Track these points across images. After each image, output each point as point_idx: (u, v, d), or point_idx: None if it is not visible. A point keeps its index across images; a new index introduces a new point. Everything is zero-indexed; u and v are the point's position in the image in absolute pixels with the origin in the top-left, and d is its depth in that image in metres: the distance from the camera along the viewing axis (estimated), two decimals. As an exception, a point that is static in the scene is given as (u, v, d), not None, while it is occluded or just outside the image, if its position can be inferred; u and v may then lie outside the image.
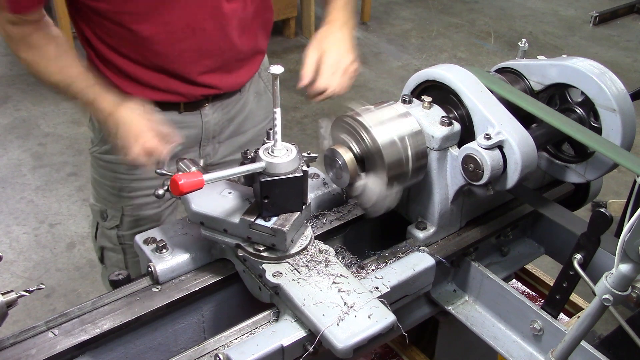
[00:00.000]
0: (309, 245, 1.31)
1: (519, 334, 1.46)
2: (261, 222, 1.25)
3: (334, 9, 1.76)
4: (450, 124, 1.36)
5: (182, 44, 1.71)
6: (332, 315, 1.15)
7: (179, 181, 1.12)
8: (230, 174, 1.22)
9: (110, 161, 1.95)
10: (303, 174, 1.25)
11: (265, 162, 1.22)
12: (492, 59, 5.88)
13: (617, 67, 5.53)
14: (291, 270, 1.25)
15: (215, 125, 1.95)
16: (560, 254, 1.68)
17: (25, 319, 3.09)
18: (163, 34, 1.68)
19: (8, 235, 3.70)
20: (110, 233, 2.05)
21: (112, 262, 2.12)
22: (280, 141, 1.24)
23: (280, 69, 1.16)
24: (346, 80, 1.70)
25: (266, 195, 1.23)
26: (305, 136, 4.48)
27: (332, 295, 1.19)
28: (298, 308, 1.18)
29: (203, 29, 1.71)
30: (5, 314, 1.15)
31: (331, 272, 1.25)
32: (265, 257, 1.27)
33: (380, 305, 1.18)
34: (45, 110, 4.83)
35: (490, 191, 1.34)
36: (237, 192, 1.34)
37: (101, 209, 2.04)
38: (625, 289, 1.07)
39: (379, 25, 6.55)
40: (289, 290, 1.20)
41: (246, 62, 1.91)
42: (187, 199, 1.31)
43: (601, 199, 3.82)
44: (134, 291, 1.33)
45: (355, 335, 1.12)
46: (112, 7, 1.63)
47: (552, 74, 1.53)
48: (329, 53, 1.64)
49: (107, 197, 2.01)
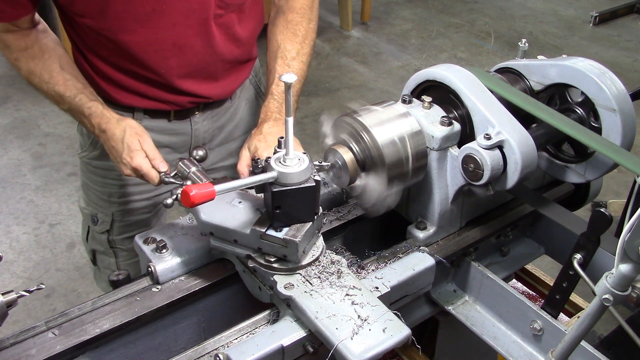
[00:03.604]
0: (321, 256, 1.28)
1: (519, 334, 1.46)
2: (272, 232, 1.23)
3: (267, 108, 1.70)
4: (450, 124, 1.36)
5: (170, 60, 1.71)
6: (345, 328, 1.13)
7: (190, 192, 1.10)
8: (242, 185, 1.19)
9: (99, 167, 1.94)
10: (315, 184, 1.22)
11: (277, 172, 1.19)
12: (492, 59, 5.88)
13: (617, 67, 5.53)
14: (303, 282, 1.23)
15: (205, 133, 1.95)
16: (560, 254, 1.68)
17: (25, 319, 3.10)
18: (151, 50, 1.67)
19: (8, 235, 3.70)
20: (101, 237, 2.04)
21: (105, 265, 2.11)
22: (293, 150, 1.21)
23: (293, 77, 1.14)
24: None
25: (278, 205, 1.21)
26: (305, 136, 4.48)
27: (345, 308, 1.17)
28: (311, 321, 1.16)
29: (190, 46, 1.70)
30: (5, 314, 1.15)
31: (344, 284, 1.22)
32: (277, 268, 1.25)
33: (395, 318, 1.16)
34: (45, 110, 4.83)
35: (490, 191, 1.34)
36: (247, 202, 1.32)
37: (91, 212, 2.04)
38: (625, 289, 1.07)
39: (379, 25, 6.55)
40: (301, 303, 1.18)
41: (235, 71, 1.90)
42: (197, 209, 1.30)
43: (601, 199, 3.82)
44: (134, 291, 1.33)
45: (370, 350, 1.10)
46: (96, 23, 1.62)
47: (552, 74, 1.52)
48: (261, 150, 1.58)
49: (97, 202, 2.01)
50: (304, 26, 1.79)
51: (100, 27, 1.63)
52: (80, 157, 2.00)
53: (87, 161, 1.97)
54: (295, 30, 1.78)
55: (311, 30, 1.82)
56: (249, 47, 1.89)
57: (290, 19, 1.78)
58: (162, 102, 1.81)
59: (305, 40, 1.79)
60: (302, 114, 4.86)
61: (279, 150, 1.25)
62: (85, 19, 1.62)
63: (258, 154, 1.56)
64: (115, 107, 1.76)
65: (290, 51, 1.76)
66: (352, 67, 5.76)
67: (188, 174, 1.42)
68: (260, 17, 1.91)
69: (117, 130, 1.57)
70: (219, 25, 1.73)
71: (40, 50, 1.65)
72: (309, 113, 4.92)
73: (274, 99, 1.71)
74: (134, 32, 1.63)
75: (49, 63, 1.64)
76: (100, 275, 2.16)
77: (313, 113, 4.93)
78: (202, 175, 1.40)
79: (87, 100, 1.63)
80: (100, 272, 2.15)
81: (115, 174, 1.92)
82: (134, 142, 1.54)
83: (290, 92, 1.15)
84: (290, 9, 1.79)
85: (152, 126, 1.83)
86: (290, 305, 1.22)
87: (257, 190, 1.26)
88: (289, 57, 1.76)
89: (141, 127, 1.60)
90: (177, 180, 1.46)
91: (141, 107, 1.82)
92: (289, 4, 1.79)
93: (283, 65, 1.75)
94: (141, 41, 1.65)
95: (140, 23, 1.61)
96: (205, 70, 1.79)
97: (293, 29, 1.78)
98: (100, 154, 1.89)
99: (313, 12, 1.83)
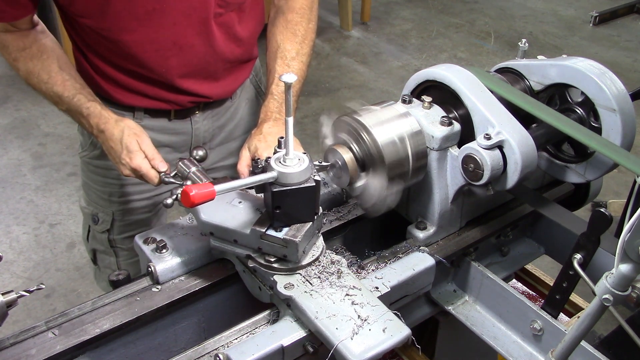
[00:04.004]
0: (321, 256, 1.28)
1: (519, 334, 1.46)
2: (272, 232, 1.23)
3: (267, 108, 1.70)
4: (450, 124, 1.36)
5: (170, 59, 1.71)
6: (345, 328, 1.13)
7: (190, 192, 1.10)
8: (242, 185, 1.19)
9: (100, 166, 1.94)
10: (315, 184, 1.22)
11: (277, 172, 1.20)
12: (492, 59, 5.88)
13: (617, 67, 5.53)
14: (303, 282, 1.23)
15: (206, 132, 1.95)
16: (560, 254, 1.68)
17: (25, 319, 3.09)
18: (151, 50, 1.67)
19: (8, 235, 3.70)
20: (102, 237, 2.05)
21: (105, 264, 2.12)
22: (293, 150, 1.21)
23: (293, 77, 1.14)
24: None
25: (278, 205, 1.21)
26: (305, 136, 4.48)
27: (345, 308, 1.17)
28: (311, 321, 1.16)
29: (191, 45, 1.71)
30: (5, 314, 1.15)
31: (344, 284, 1.22)
32: (277, 268, 1.25)
33: (395, 318, 1.16)
34: (45, 110, 4.83)
35: (490, 191, 1.34)
36: (247, 202, 1.32)
37: (92, 212, 2.04)
38: (625, 289, 1.07)
39: (379, 25, 6.55)
40: (301, 303, 1.18)
41: (236, 71, 1.90)
42: (197, 209, 1.30)
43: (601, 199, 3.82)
44: (134, 291, 1.33)
45: (370, 350, 1.10)
46: (96, 23, 1.62)
47: (552, 74, 1.52)
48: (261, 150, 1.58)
49: (98, 201, 2.01)
50: (303, 26, 1.79)
51: (100, 27, 1.63)
52: (80, 156, 2.00)
53: (87, 161, 1.97)
54: (295, 30, 1.78)
55: (310, 31, 1.82)
56: (249, 46, 1.89)
57: (290, 19, 1.79)
58: (163, 101, 1.81)
59: (305, 41, 1.79)
60: (302, 114, 4.86)
61: (279, 150, 1.25)
62: (86, 19, 1.62)
63: (258, 154, 1.56)
64: (115, 106, 1.76)
65: (290, 51, 1.76)
66: (352, 67, 5.76)
67: (188, 174, 1.42)
68: (261, 16, 1.91)
69: (116, 130, 1.57)
70: (219, 24, 1.73)
71: (39, 51, 1.65)
72: (309, 113, 4.92)
73: (274, 99, 1.71)
74: (134, 32, 1.63)
75: (48, 63, 1.64)
76: (100, 275, 2.16)
77: (313, 113, 4.93)
78: (202, 175, 1.40)
79: (85, 100, 1.63)
80: (100, 272, 2.15)
81: (115, 174, 1.92)
82: (133, 143, 1.54)
83: (290, 92, 1.15)
84: (289, 9, 1.79)
85: (152, 125, 1.83)
86: (290, 305, 1.22)
87: (257, 190, 1.26)
88: (288, 57, 1.76)
89: (139, 127, 1.60)
90: (177, 180, 1.46)
91: (142, 106, 1.82)
92: (289, 4, 1.80)
93: (283, 66, 1.75)
94: (141, 40, 1.65)
95: (140, 22, 1.61)
96: (206, 69, 1.79)
97: (292, 29, 1.78)
98: (101, 153, 1.89)
99: (312, 13, 1.83)
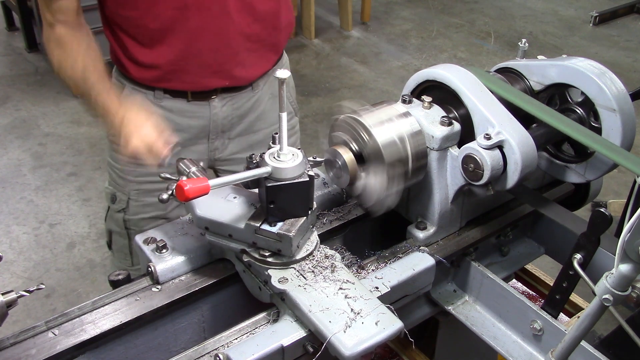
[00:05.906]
0: (315, 251, 1.29)
1: (519, 334, 1.46)
2: (267, 227, 1.24)
3: None
4: (450, 124, 1.36)
5: (190, 20, 1.79)
6: (338, 322, 1.14)
7: (184, 187, 1.11)
8: (236, 179, 1.21)
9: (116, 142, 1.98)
10: (309, 179, 1.23)
11: (271, 167, 1.21)
12: (492, 59, 5.88)
13: (617, 67, 5.53)
14: (297, 276, 1.24)
15: (224, 119, 1.98)
16: (560, 254, 1.68)
17: (25, 319, 3.09)
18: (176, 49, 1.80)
19: (8, 235, 3.70)
20: (118, 216, 2.07)
21: (118, 247, 2.14)
22: (286, 146, 1.22)
23: (287, 73, 1.15)
24: None
25: (272, 200, 1.22)
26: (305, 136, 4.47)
27: (338, 302, 1.18)
28: (304, 314, 1.17)
29: (208, 7, 1.77)
30: (5, 314, 1.15)
31: (337, 278, 1.23)
32: (271, 262, 1.26)
33: (388, 312, 1.17)
34: (45, 110, 4.83)
35: (490, 191, 1.34)
36: (242, 197, 1.33)
37: (112, 192, 2.08)
38: (625, 289, 1.07)
39: (379, 25, 6.55)
40: (295, 297, 1.19)
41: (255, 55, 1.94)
42: (192, 204, 1.31)
43: (601, 199, 3.82)
44: (134, 291, 1.33)
45: (362, 343, 1.11)
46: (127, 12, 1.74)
47: (552, 74, 1.52)
48: None
49: (117, 180, 2.06)
50: None
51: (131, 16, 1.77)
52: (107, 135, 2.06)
53: (111, 139, 2.02)
54: None
55: None
56: (269, 27, 1.92)
57: None
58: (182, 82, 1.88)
59: None
60: (302, 113, 4.86)
61: (272, 146, 1.26)
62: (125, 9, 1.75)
63: None
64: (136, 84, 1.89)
65: None
66: (352, 67, 5.76)
67: (188, 174, 1.42)
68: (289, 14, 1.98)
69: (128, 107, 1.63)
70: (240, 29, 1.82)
71: (77, 40, 1.74)
72: (309, 113, 4.92)
73: None
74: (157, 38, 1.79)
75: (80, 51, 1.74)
76: (114, 261, 2.20)
77: (313, 113, 4.93)
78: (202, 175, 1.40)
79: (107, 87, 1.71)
80: (114, 257, 2.19)
81: None
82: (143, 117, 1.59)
83: (283, 88, 1.16)
84: None
85: (171, 106, 1.90)
86: (284, 299, 1.23)
87: (252, 186, 1.28)
88: None
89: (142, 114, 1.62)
90: None
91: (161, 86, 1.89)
92: None
93: None
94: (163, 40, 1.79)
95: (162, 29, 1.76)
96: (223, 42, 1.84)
97: None
98: None
99: None
